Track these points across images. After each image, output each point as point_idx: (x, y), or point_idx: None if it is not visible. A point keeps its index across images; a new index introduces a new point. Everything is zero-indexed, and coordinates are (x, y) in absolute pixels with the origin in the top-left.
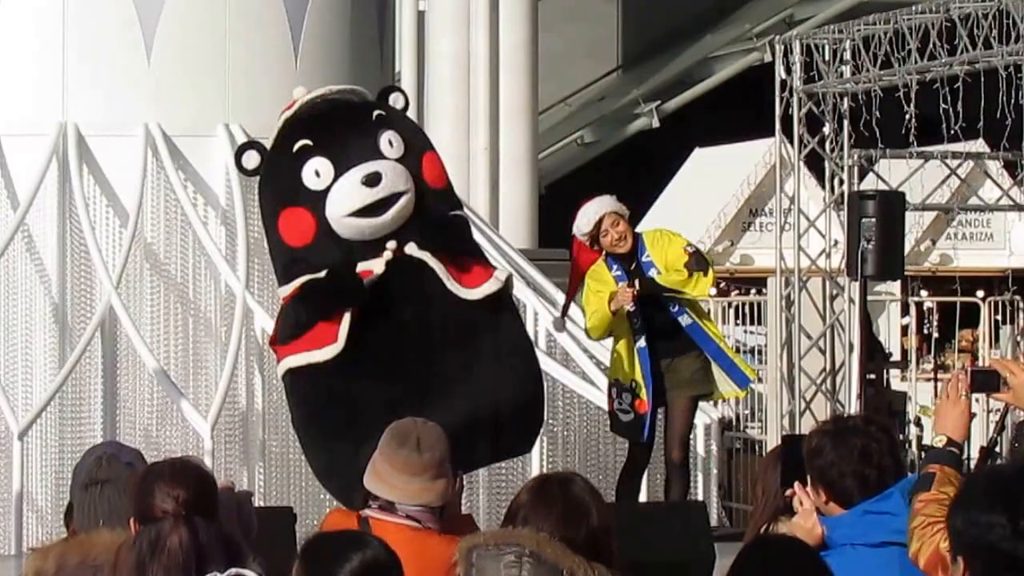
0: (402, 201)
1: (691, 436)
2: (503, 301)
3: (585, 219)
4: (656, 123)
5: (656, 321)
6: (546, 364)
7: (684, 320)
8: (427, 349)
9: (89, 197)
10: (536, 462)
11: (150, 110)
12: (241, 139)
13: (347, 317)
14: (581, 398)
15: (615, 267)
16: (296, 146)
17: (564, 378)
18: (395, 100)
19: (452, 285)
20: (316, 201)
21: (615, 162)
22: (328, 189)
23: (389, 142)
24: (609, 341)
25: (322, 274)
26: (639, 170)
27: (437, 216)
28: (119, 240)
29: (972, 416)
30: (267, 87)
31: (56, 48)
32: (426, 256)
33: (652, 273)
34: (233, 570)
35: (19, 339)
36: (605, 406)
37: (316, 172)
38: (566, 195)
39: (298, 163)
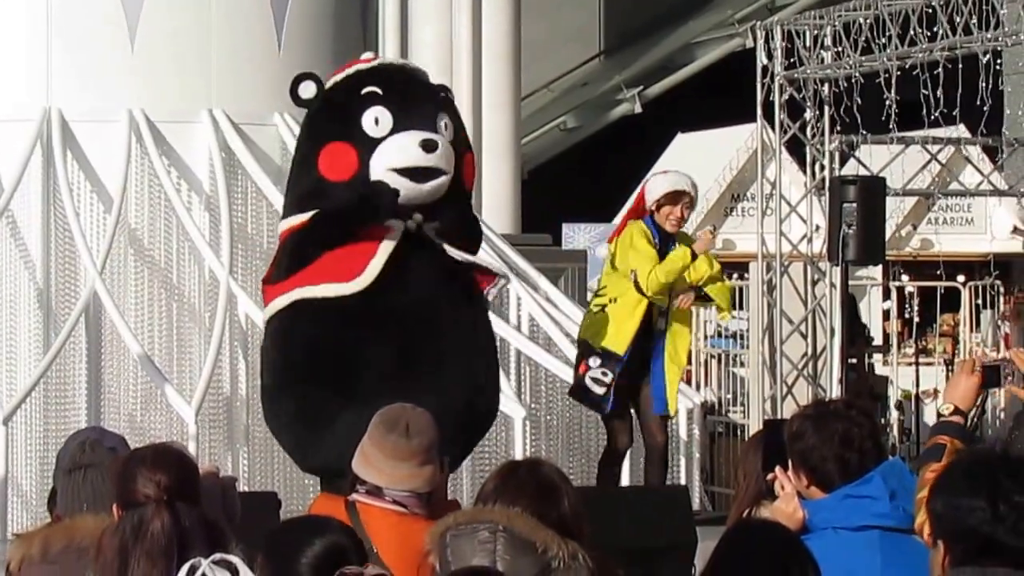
0: (442, 179)
1: (671, 419)
2: (486, 307)
3: (668, 183)
4: (639, 108)
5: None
6: (529, 349)
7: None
8: (426, 328)
9: (73, 183)
10: (519, 446)
11: (134, 96)
12: (226, 125)
13: (377, 259)
14: (564, 383)
15: (657, 238)
16: (364, 90)
17: (547, 362)
18: (451, 96)
19: (459, 279)
20: (366, 146)
21: (598, 147)
22: (382, 139)
23: (445, 125)
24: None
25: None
26: (622, 155)
27: (466, 212)
28: (103, 226)
29: (981, 392)
30: (251, 73)
31: (40, 34)
32: (442, 237)
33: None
34: (216, 555)
35: (3, 324)
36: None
37: (376, 119)
38: (549, 180)
39: (361, 105)
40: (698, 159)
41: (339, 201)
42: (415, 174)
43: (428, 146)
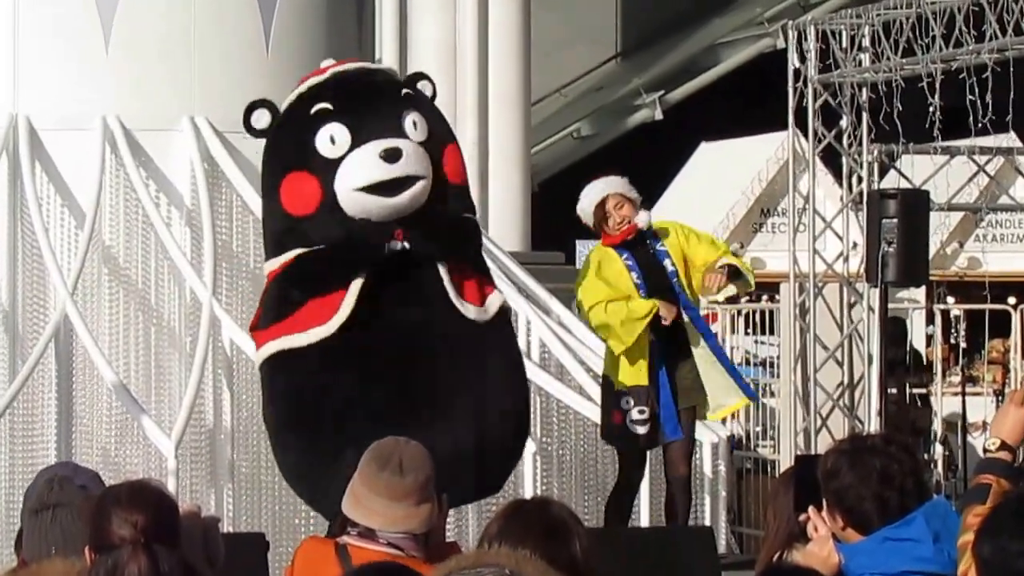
0: (418, 186)
1: (695, 451)
2: (502, 320)
3: (587, 200)
4: (659, 115)
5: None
6: (540, 378)
7: (689, 312)
8: (417, 358)
9: (42, 196)
10: (529, 483)
11: (108, 101)
12: (208, 133)
13: (348, 298)
14: (578, 415)
15: (624, 254)
16: (314, 109)
17: (559, 393)
18: (424, 87)
19: (454, 296)
20: (326, 169)
21: (614, 157)
22: (342, 159)
23: (413, 123)
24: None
25: (318, 247)
26: (640, 166)
27: (451, 215)
28: (75, 243)
29: None
30: (236, 77)
31: (6, 34)
32: (431, 254)
33: (667, 264)
34: None
35: None
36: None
37: (332, 138)
38: (561, 193)
39: (314, 126)
40: (724, 170)
41: (317, 236)
42: (384, 189)
43: (390, 155)
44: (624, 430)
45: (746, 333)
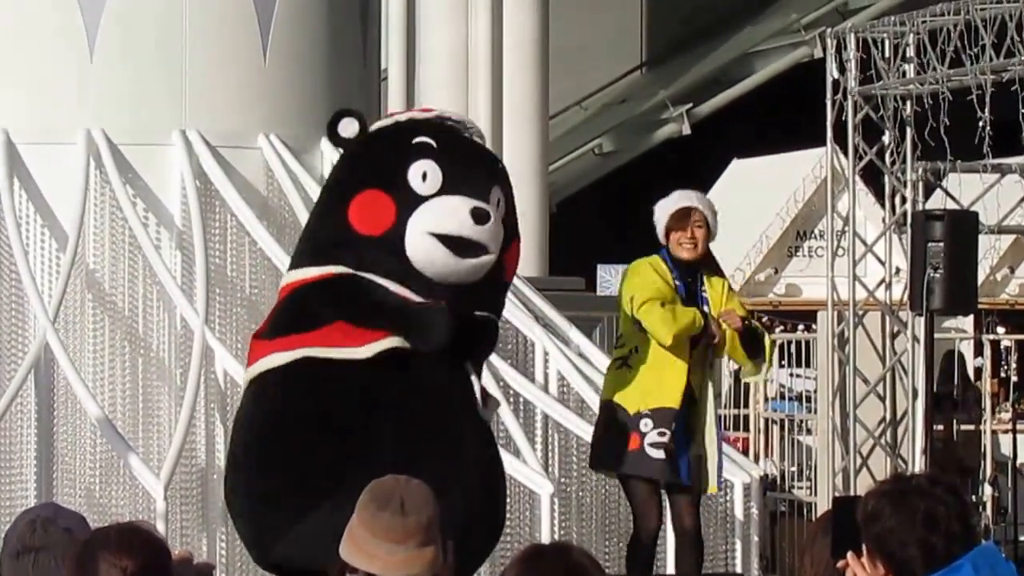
0: (486, 259)
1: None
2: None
3: (672, 201)
4: (687, 130)
5: None
6: (558, 413)
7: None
8: (436, 419)
9: (21, 215)
10: (546, 527)
11: (93, 114)
12: (201, 148)
13: (391, 338)
14: None
15: (675, 273)
16: (416, 140)
17: (579, 429)
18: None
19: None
20: (409, 201)
21: (638, 175)
22: (428, 198)
23: (499, 201)
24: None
25: (370, 278)
26: (666, 184)
27: (495, 307)
28: (56, 266)
29: None
30: (231, 87)
31: None
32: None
33: (706, 310)
34: None
35: None
36: None
37: (424, 174)
38: (581, 214)
39: (410, 155)
40: (757, 189)
41: (370, 260)
42: (457, 245)
43: (480, 216)
44: (641, 456)
45: (781, 365)
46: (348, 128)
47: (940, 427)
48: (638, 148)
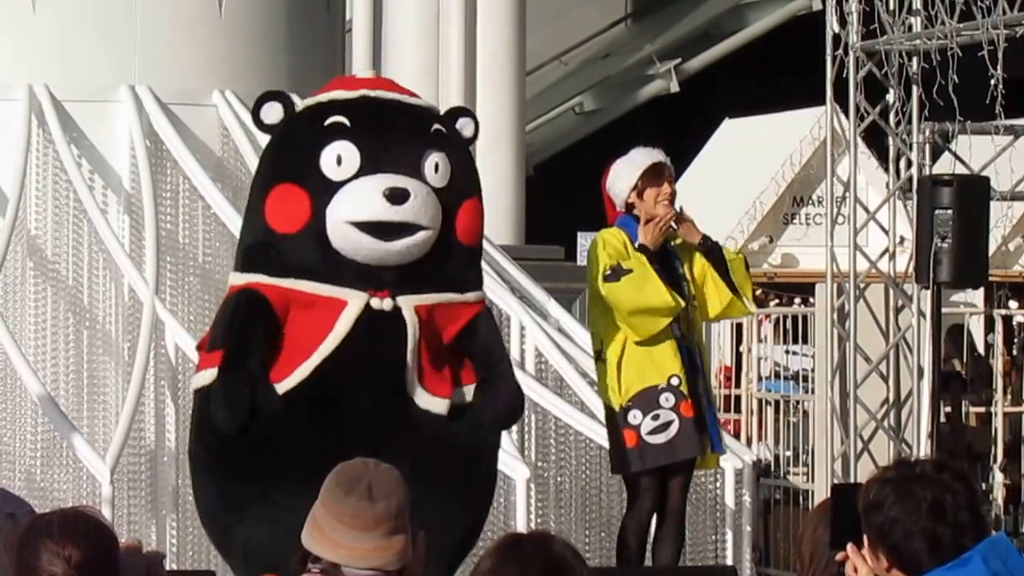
0: (418, 237)
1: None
2: (476, 417)
3: (627, 173)
4: (675, 87)
5: None
6: (536, 392)
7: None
8: (378, 431)
9: None
10: (522, 515)
11: (35, 68)
12: (151, 105)
13: (316, 355)
14: (579, 435)
15: (631, 231)
16: (329, 120)
17: (557, 409)
18: (464, 125)
19: (415, 385)
20: (323, 190)
21: (622, 136)
22: (344, 183)
23: (435, 165)
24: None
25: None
26: (653, 146)
27: (451, 278)
28: None
29: None
30: (184, 40)
31: None
32: (412, 324)
33: (676, 265)
34: None
35: None
36: (607, 444)
37: (339, 158)
38: (559, 177)
39: (323, 140)
40: (750, 152)
41: (292, 260)
42: (380, 230)
43: (394, 196)
44: (645, 449)
45: (776, 342)
46: (271, 113)
47: (947, 408)
48: (622, 107)
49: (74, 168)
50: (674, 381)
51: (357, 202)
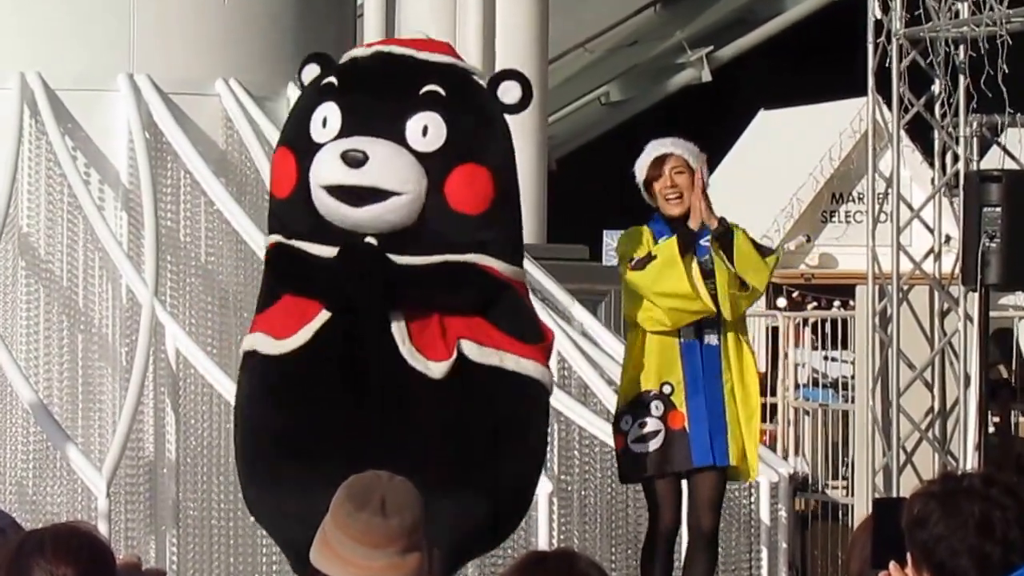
0: (388, 204)
1: (723, 497)
2: (481, 377)
3: (638, 168)
4: (707, 76)
5: None
6: (559, 400)
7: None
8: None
9: None
10: (544, 531)
11: (28, 56)
12: (151, 95)
13: (317, 319)
14: (605, 446)
15: (663, 235)
16: (324, 81)
17: (582, 418)
18: (506, 91)
19: (404, 345)
20: (308, 153)
21: (651, 129)
22: (321, 146)
23: (423, 128)
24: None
25: (296, 243)
26: (684, 138)
27: (446, 243)
28: None
29: None
30: (186, 26)
31: None
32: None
33: (705, 260)
34: None
35: None
36: None
37: (324, 120)
38: (584, 172)
39: (316, 101)
40: (787, 145)
41: (289, 225)
42: (346, 194)
43: (352, 160)
44: (627, 457)
45: (814, 348)
46: (308, 74)
47: (996, 418)
48: (650, 97)
49: (69, 161)
50: (666, 389)
51: (320, 166)
